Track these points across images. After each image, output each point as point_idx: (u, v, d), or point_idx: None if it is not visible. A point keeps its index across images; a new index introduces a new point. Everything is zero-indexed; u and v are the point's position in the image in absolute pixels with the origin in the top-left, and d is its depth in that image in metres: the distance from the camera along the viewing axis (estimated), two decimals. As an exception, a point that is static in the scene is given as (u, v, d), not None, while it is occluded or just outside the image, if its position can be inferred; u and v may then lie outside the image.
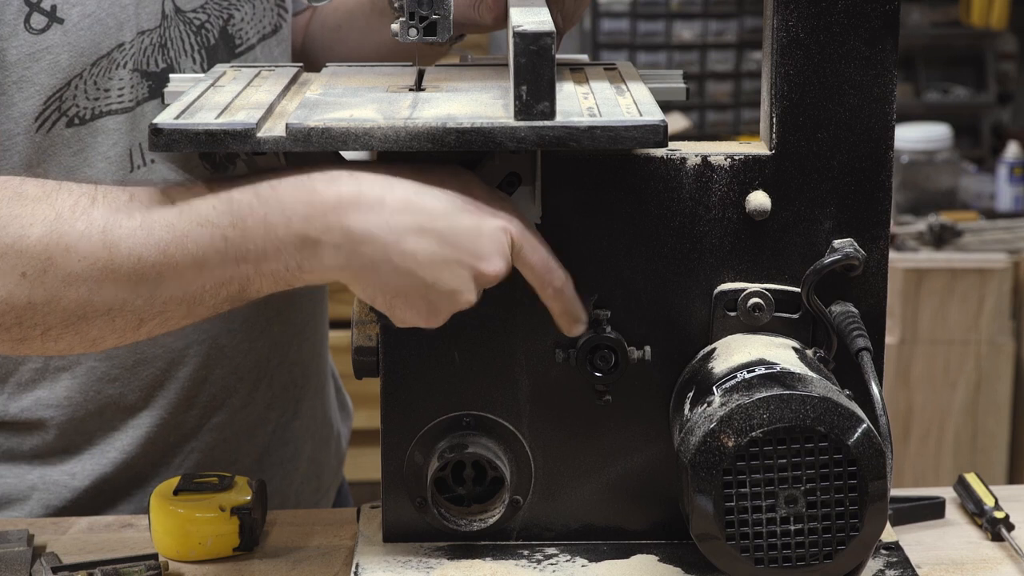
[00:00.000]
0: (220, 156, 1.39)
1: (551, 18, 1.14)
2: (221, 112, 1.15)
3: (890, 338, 3.53)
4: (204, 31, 1.46)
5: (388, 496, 1.26)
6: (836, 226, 1.22)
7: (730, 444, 1.09)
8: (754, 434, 1.09)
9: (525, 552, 1.26)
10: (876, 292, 1.23)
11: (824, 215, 1.22)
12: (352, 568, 1.24)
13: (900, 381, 3.61)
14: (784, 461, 1.09)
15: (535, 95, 1.09)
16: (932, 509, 1.37)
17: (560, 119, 1.10)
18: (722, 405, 1.11)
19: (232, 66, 1.38)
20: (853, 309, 1.21)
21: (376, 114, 1.13)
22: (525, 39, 1.08)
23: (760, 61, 1.45)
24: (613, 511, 1.27)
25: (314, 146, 1.11)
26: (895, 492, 1.30)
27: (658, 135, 1.11)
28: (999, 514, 1.33)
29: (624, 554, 1.26)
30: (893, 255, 2.97)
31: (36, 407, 1.44)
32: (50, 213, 1.12)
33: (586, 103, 1.18)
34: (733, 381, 1.14)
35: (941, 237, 3.70)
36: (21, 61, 1.31)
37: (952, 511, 1.39)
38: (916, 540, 1.33)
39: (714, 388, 1.15)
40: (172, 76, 1.39)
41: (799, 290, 1.22)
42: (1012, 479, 3.68)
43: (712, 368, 1.19)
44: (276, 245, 1.11)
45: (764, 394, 1.10)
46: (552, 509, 1.27)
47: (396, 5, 1.30)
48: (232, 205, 1.12)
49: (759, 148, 1.23)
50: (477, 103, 1.17)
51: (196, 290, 1.13)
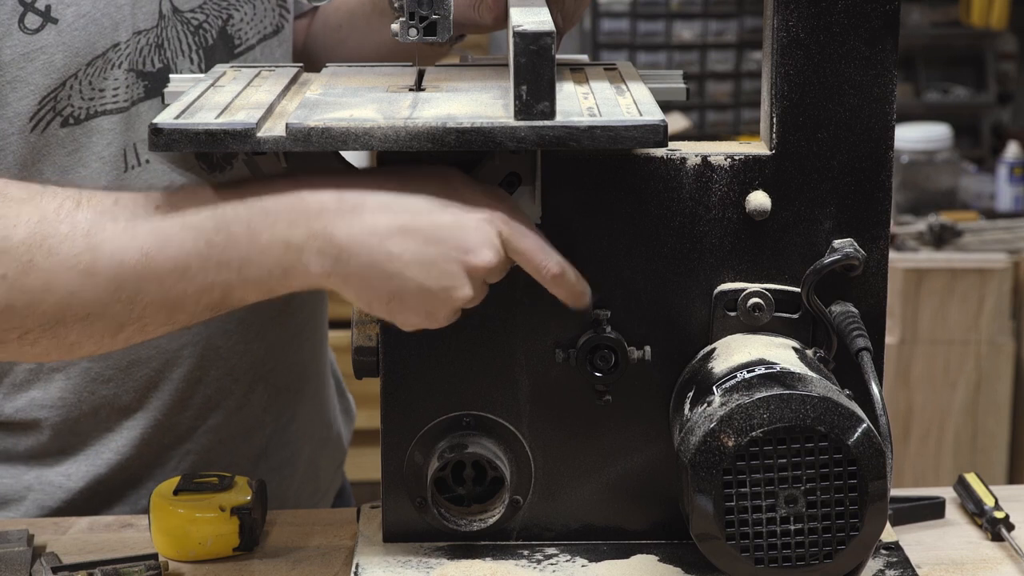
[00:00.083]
0: (217, 156, 1.39)
1: (551, 18, 1.14)
2: (221, 112, 1.15)
3: (890, 338, 3.52)
4: (202, 31, 1.45)
5: (388, 496, 1.26)
6: (836, 226, 1.22)
7: (730, 444, 1.09)
8: (754, 434, 1.09)
9: (525, 552, 1.26)
10: (876, 292, 1.23)
11: (824, 215, 1.21)
12: (352, 568, 1.24)
13: (900, 381, 3.60)
14: (784, 461, 1.09)
15: (535, 95, 1.09)
16: (932, 509, 1.37)
17: (560, 119, 1.10)
18: (722, 405, 1.11)
19: (232, 66, 1.38)
20: (853, 309, 1.21)
21: (376, 114, 1.13)
22: (525, 39, 1.08)
23: (760, 61, 1.45)
24: (613, 511, 1.27)
25: (314, 146, 1.11)
26: (895, 492, 1.30)
27: (658, 135, 1.11)
28: (999, 514, 1.33)
29: (624, 554, 1.26)
30: (893, 255, 2.96)
31: (31, 407, 1.44)
32: (34, 215, 1.12)
33: (586, 103, 1.17)
34: (733, 381, 1.14)
35: (941, 237, 3.70)
36: (15, 61, 1.31)
37: (952, 511, 1.39)
38: (916, 540, 1.33)
39: (714, 388, 1.15)
40: (172, 76, 1.39)
41: (799, 290, 1.22)
42: (1012, 479, 3.68)
43: (712, 368, 1.19)
44: (260, 251, 1.11)
45: (764, 394, 1.10)
46: (552, 509, 1.27)
47: (396, 5, 1.30)
48: (217, 211, 1.12)
49: (759, 148, 1.23)
50: (477, 103, 1.17)
51: (177, 296, 1.12)
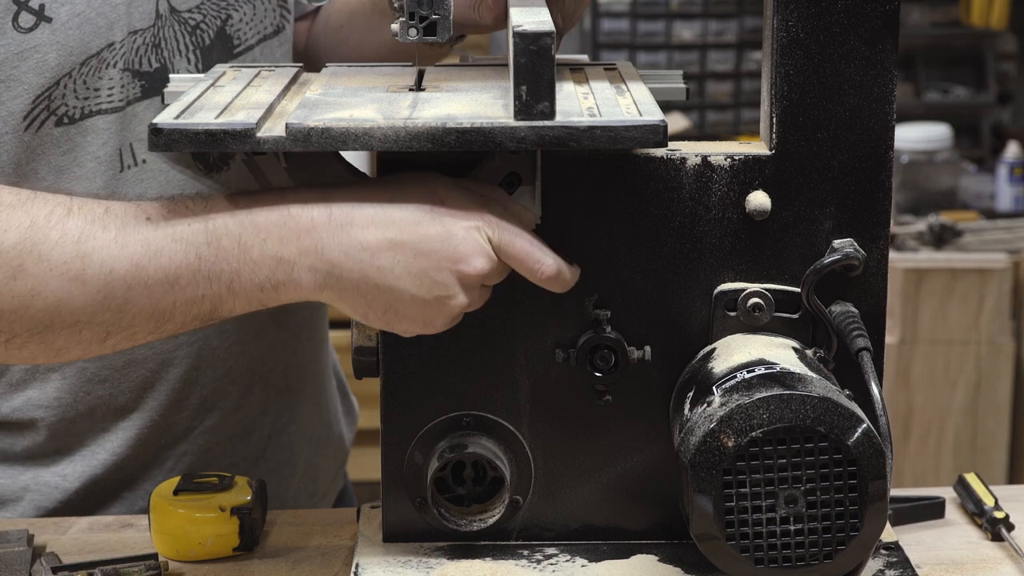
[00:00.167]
0: (214, 156, 1.39)
1: (551, 18, 1.14)
2: (221, 112, 1.15)
3: (890, 338, 3.52)
4: (200, 31, 1.45)
5: (388, 496, 1.26)
6: (836, 226, 1.22)
7: (730, 444, 1.09)
8: (754, 434, 1.09)
9: (525, 552, 1.26)
10: (876, 292, 1.23)
11: (824, 215, 1.21)
12: (352, 568, 1.24)
13: (900, 381, 3.60)
14: (784, 461, 1.09)
15: (535, 95, 1.09)
16: (932, 509, 1.37)
17: (560, 119, 1.10)
18: (722, 405, 1.11)
19: (232, 66, 1.38)
20: (853, 309, 1.21)
21: (376, 114, 1.13)
22: (525, 39, 1.08)
23: (760, 61, 1.45)
24: (613, 511, 1.27)
25: (314, 146, 1.11)
26: (895, 492, 1.30)
27: (658, 135, 1.11)
28: (999, 514, 1.33)
29: (624, 554, 1.25)
30: (893, 255, 2.97)
31: (27, 407, 1.44)
32: (24, 220, 1.12)
33: (586, 103, 1.17)
34: (733, 381, 1.14)
35: (941, 237, 3.70)
36: (9, 60, 1.30)
37: (952, 511, 1.39)
38: (916, 540, 1.33)
39: (714, 388, 1.15)
40: (171, 76, 1.39)
41: (799, 290, 1.22)
42: (1012, 479, 3.68)
43: (712, 368, 1.19)
44: (250, 266, 1.12)
45: (764, 394, 1.10)
46: (552, 509, 1.27)
47: (396, 5, 1.30)
48: (208, 224, 1.13)
49: (759, 148, 1.23)
50: (477, 103, 1.17)
51: (166, 307, 1.13)
